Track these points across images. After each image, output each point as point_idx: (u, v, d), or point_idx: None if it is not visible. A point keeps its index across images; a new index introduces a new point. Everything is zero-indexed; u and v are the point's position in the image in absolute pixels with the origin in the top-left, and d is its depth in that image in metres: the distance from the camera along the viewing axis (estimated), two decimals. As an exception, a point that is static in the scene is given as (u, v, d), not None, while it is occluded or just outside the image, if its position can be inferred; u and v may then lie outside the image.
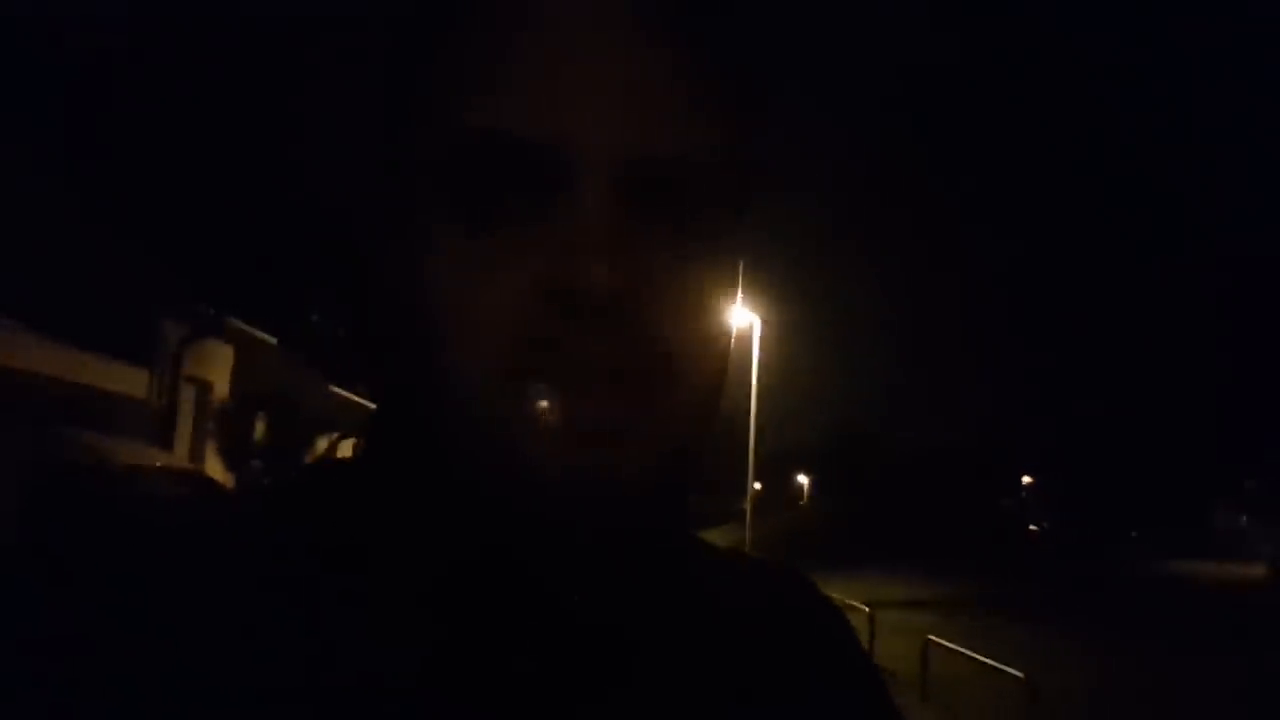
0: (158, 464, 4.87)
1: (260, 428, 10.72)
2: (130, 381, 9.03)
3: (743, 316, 17.19)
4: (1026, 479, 76.15)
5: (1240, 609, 23.20)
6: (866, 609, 11.89)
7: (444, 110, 0.41)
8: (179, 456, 8.72)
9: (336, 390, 15.08)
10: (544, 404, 0.39)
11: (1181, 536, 50.04)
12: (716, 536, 0.60)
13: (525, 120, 0.39)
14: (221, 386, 10.96)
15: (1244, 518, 48.65)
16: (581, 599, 0.42)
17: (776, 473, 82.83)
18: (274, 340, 12.78)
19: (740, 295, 0.48)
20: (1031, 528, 70.31)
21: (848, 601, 12.53)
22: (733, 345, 0.47)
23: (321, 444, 12.14)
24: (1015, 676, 7.97)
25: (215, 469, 9.72)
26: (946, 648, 9.82)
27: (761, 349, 19.38)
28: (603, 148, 0.39)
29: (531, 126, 0.39)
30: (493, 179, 0.40)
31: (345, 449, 14.02)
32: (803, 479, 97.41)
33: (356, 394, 15.67)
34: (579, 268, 0.38)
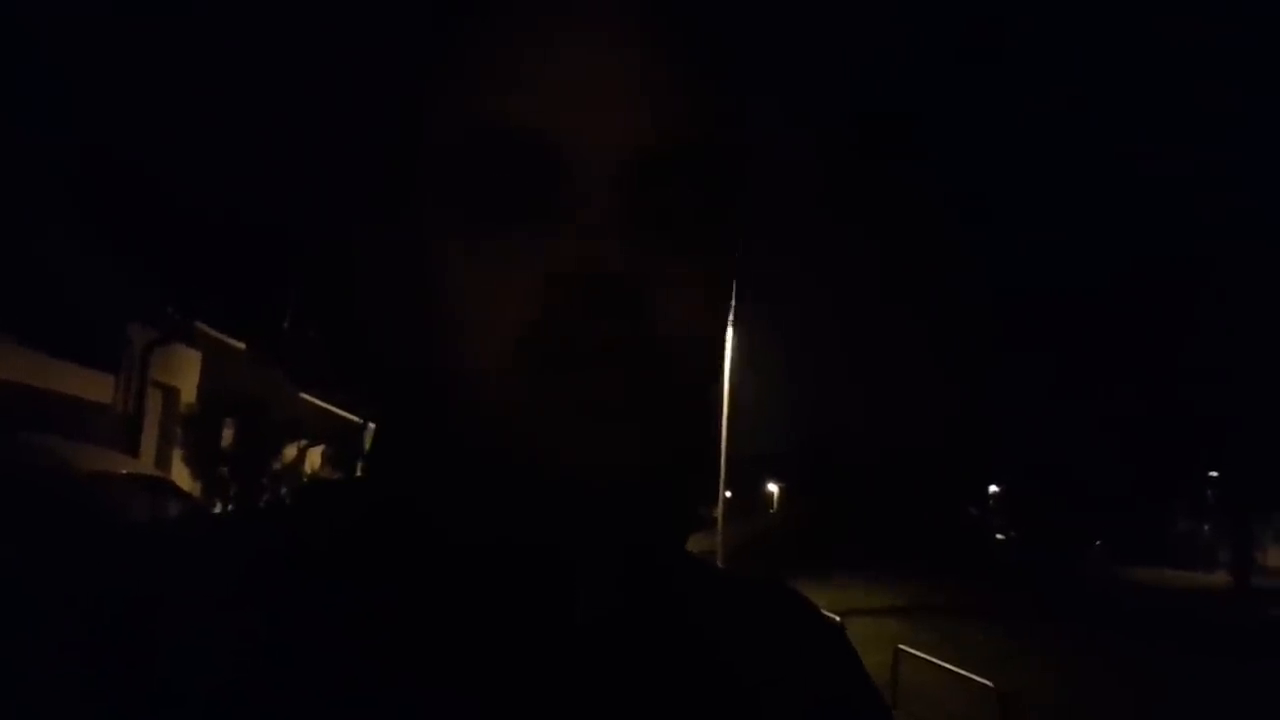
0: (123, 470, 4.79)
1: (228, 434, 10.60)
2: (96, 386, 8.89)
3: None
4: (993, 488, 76.88)
5: (1203, 614, 23.53)
6: (837, 618, 11.95)
7: (450, 105, 0.42)
8: (145, 463, 8.59)
9: (306, 397, 14.93)
10: (557, 391, 0.40)
11: (1145, 545, 50.74)
12: (688, 544, 0.60)
13: (531, 114, 0.40)
14: (189, 392, 10.82)
15: (1206, 527, 49.43)
16: (586, 604, 0.43)
17: (746, 480, 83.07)
18: (242, 345, 12.64)
19: (735, 290, 0.48)
20: (999, 536, 70.92)
21: (818, 609, 12.55)
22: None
23: (290, 451, 12.02)
24: (985, 685, 8.06)
25: (182, 475, 9.59)
26: (916, 656, 9.89)
27: (731, 355, 19.40)
28: (607, 139, 0.40)
29: (537, 120, 0.40)
30: (499, 172, 0.40)
31: (314, 456, 13.88)
32: (773, 486, 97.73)
33: (326, 401, 15.53)
34: (591, 254, 0.39)
